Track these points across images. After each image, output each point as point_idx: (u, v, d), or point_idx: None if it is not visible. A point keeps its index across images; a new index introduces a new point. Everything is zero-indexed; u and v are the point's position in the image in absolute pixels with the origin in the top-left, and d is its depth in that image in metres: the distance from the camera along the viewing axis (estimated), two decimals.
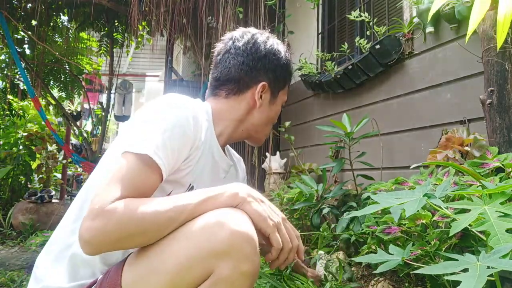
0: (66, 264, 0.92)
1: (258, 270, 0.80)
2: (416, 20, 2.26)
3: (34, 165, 5.00)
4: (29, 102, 5.30)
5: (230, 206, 0.83)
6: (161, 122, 0.89)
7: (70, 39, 5.26)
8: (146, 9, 3.54)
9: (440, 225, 1.21)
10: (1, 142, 4.93)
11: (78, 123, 5.84)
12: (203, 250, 0.77)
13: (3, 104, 5.06)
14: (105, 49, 5.23)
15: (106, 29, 5.06)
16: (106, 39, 5.17)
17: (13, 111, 5.15)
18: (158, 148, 0.85)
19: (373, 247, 1.52)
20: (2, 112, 5.07)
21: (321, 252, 1.80)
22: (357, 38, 2.59)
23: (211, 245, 0.76)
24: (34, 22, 4.45)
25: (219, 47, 1.17)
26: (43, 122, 4.75)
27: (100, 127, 5.65)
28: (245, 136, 1.17)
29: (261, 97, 1.12)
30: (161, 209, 0.79)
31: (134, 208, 0.77)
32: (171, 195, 0.96)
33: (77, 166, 6.41)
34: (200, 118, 0.99)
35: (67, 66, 5.33)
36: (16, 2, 4.42)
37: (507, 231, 0.81)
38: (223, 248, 0.76)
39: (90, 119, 7.19)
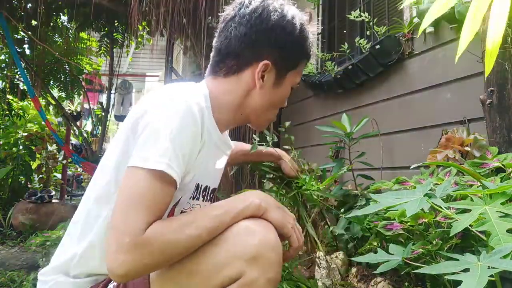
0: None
1: (280, 277, 0.85)
2: (416, 20, 2.26)
3: (34, 165, 5.00)
4: (29, 102, 5.30)
5: (255, 216, 0.87)
6: (167, 128, 0.82)
7: (70, 39, 5.26)
8: (146, 9, 3.54)
9: (442, 225, 1.21)
10: (1, 142, 4.93)
11: (78, 123, 5.85)
12: (235, 255, 0.81)
13: (3, 104, 5.05)
14: (105, 49, 5.23)
15: (106, 29, 5.06)
16: (106, 39, 5.17)
17: (13, 111, 5.15)
18: (171, 159, 0.80)
19: (375, 243, 1.52)
20: (2, 112, 5.06)
21: (321, 252, 1.80)
22: (357, 38, 2.59)
23: (243, 250, 0.80)
24: (34, 22, 4.45)
25: (226, 11, 1.02)
26: (43, 122, 4.75)
27: (100, 127, 5.65)
28: (244, 121, 1.06)
29: (262, 77, 0.97)
30: (194, 233, 0.80)
31: (168, 238, 0.77)
32: (180, 200, 0.95)
33: (77, 166, 6.41)
34: (202, 107, 0.91)
35: (67, 66, 5.32)
36: (16, 2, 4.41)
37: (507, 231, 0.82)
38: (253, 254, 0.80)
39: (90, 119, 7.19)
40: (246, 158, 1.35)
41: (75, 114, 5.69)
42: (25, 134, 4.93)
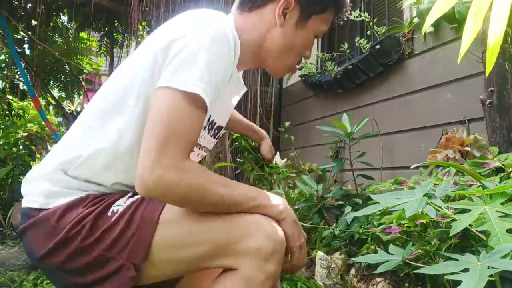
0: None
1: (278, 276, 0.84)
2: (416, 20, 2.26)
3: (34, 165, 4.99)
4: (29, 102, 5.30)
5: (274, 217, 0.86)
6: (206, 54, 0.80)
7: (70, 39, 5.26)
8: (146, 9, 3.54)
9: (441, 225, 1.21)
10: (1, 142, 4.93)
11: None
12: (238, 235, 0.81)
13: (3, 104, 5.05)
14: (105, 49, 5.22)
15: (106, 29, 5.06)
16: (106, 39, 5.16)
17: (13, 111, 5.15)
18: (207, 85, 0.79)
19: (372, 247, 1.52)
20: (2, 112, 5.06)
21: (320, 252, 1.80)
22: (357, 38, 2.59)
23: (248, 234, 0.80)
24: (34, 22, 4.45)
25: None
26: (43, 122, 4.74)
27: None
28: (262, 63, 1.02)
29: (284, 15, 0.94)
30: (224, 195, 0.81)
31: (205, 180, 0.80)
32: None
33: None
34: (236, 40, 0.89)
35: (67, 66, 5.32)
36: (16, 2, 4.41)
37: (507, 231, 0.82)
38: (256, 244, 0.80)
39: None
40: (233, 126, 1.35)
41: (75, 114, 5.69)
42: (25, 134, 4.92)
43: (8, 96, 5.10)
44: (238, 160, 1.50)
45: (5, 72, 5.05)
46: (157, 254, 0.82)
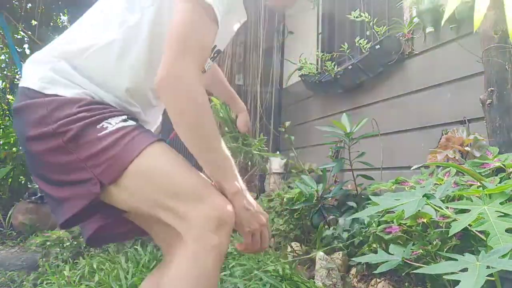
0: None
1: (224, 249, 0.85)
2: (416, 20, 2.26)
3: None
4: None
5: (231, 193, 0.89)
6: None
7: None
8: None
9: (441, 225, 1.21)
10: (1, 142, 4.93)
11: None
12: (192, 199, 0.85)
13: (3, 104, 5.06)
14: None
15: None
16: None
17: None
18: (220, 2, 0.87)
19: (374, 245, 1.52)
20: (2, 112, 5.06)
21: (320, 252, 1.80)
22: (357, 38, 2.59)
23: (201, 201, 0.84)
24: (34, 22, 4.45)
25: None
26: None
27: None
28: None
29: None
30: (212, 137, 0.87)
31: (207, 112, 0.86)
32: None
33: None
34: None
35: None
36: (16, 2, 4.42)
37: (506, 231, 0.82)
38: (205, 213, 0.83)
39: None
40: (215, 86, 1.38)
41: None
42: None
43: (8, 96, 5.11)
44: None
45: (5, 72, 5.05)
46: (124, 183, 0.85)
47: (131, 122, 0.91)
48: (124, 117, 0.92)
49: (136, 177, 0.86)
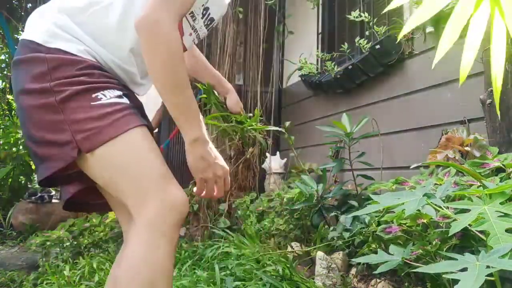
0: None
1: (175, 238, 0.88)
2: None
3: (34, 165, 4.99)
4: None
5: (185, 141, 0.94)
6: None
7: None
8: None
9: (441, 225, 1.21)
10: (1, 142, 4.93)
11: None
12: (154, 184, 0.89)
13: (3, 104, 5.06)
14: None
15: None
16: None
17: (13, 111, 5.15)
18: None
19: (374, 245, 1.52)
20: (2, 112, 5.07)
21: (320, 252, 1.80)
22: (357, 38, 2.59)
23: (158, 188, 0.88)
24: None
25: None
26: None
27: None
28: None
29: None
30: (182, 81, 0.90)
31: (180, 58, 0.90)
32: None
33: None
34: None
35: None
36: (16, 2, 4.42)
37: (506, 231, 0.82)
38: (161, 200, 0.87)
39: None
40: (200, 71, 1.39)
41: None
42: None
43: (8, 96, 5.11)
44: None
45: (5, 72, 5.05)
46: (100, 155, 0.88)
47: (124, 100, 0.93)
48: (120, 93, 0.94)
49: (111, 154, 0.88)
